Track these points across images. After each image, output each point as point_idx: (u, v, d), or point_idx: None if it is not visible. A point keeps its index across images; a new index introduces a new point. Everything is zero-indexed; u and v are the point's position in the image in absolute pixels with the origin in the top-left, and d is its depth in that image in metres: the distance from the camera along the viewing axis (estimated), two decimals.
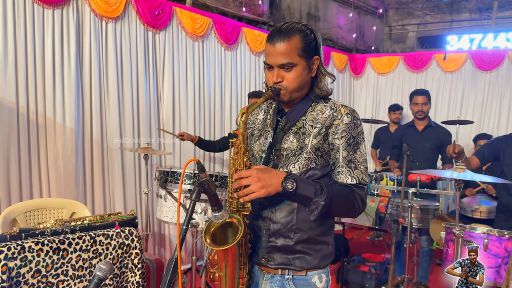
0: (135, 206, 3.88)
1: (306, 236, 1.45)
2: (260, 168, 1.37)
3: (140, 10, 3.89)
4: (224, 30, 4.66)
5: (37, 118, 3.31)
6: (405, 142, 3.72)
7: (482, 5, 7.90)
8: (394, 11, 8.68)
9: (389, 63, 6.54)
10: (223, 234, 1.42)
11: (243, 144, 1.38)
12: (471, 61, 5.96)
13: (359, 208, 1.44)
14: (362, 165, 1.45)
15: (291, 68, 1.43)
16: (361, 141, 1.47)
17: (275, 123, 1.54)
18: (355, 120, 1.46)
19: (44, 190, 3.35)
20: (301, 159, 1.44)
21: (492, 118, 5.84)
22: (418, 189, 3.50)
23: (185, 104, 4.30)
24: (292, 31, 1.43)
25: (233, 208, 1.41)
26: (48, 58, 3.35)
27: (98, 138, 3.65)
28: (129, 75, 3.85)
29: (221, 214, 1.32)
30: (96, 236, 2.35)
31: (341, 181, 1.44)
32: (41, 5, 3.30)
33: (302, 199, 1.38)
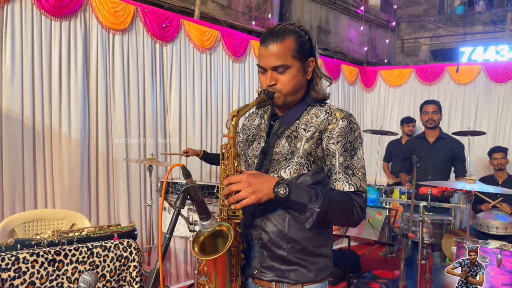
0: (139, 218, 3.83)
1: (300, 247, 1.37)
2: (251, 173, 1.30)
3: (147, 22, 3.91)
4: (232, 42, 4.65)
5: (43, 129, 3.31)
6: (416, 154, 3.61)
7: (496, 18, 7.79)
8: (406, 24, 8.62)
9: (401, 75, 6.44)
10: (213, 244, 1.35)
11: (233, 148, 1.32)
12: (484, 73, 5.83)
13: (358, 216, 1.36)
14: (360, 171, 1.38)
15: (285, 70, 1.38)
16: (359, 146, 1.39)
17: (268, 128, 1.48)
18: (352, 124, 1.39)
19: (48, 201, 3.33)
20: (292, 163, 1.37)
21: (507, 130, 5.68)
22: (429, 203, 3.37)
23: (192, 116, 4.27)
24: (285, 33, 1.38)
25: (223, 216, 1.35)
26: (54, 70, 3.36)
27: (103, 149, 3.63)
28: (136, 87, 3.85)
29: (209, 223, 1.26)
30: (93, 248, 2.30)
31: (338, 188, 1.37)
32: (49, 17, 3.33)
33: (296, 205, 1.31)
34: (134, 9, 3.83)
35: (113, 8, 3.68)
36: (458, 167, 3.93)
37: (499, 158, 4.62)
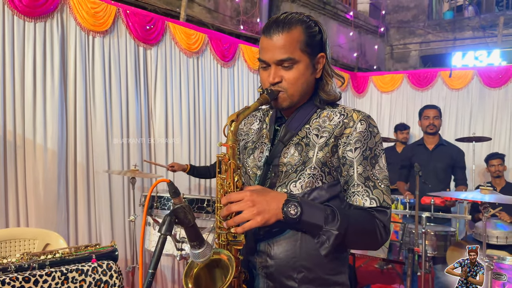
0: (123, 235, 3.55)
1: (313, 276, 1.15)
2: (255, 189, 1.07)
3: (130, 24, 3.67)
4: (220, 46, 4.43)
5: (15, 139, 3.02)
6: (415, 162, 3.43)
7: (485, 23, 7.75)
8: (395, 30, 8.54)
9: (393, 81, 6.31)
10: (209, 276, 1.11)
11: (233, 159, 1.09)
12: (478, 78, 5.74)
13: (381, 238, 1.14)
14: (383, 183, 1.16)
15: (292, 65, 1.16)
16: (380, 154, 1.18)
17: (272, 134, 1.26)
18: (371, 127, 1.18)
19: (21, 219, 3.02)
20: (304, 176, 1.15)
21: (503, 136, 5.57)
22: (432, 213, 3.18)
23: (179, 123, 4.02)
24: (292, 22, 1.16)
25: (222, 241, 1.11)
26: (28, 75, 3.09)
27: (83, 161, 3.35)
28: (118, 93, 3.59)
29: (202, 251, 1.02)
30: (68, 272, 2.04)
31: (358, 204, 1.15)
32: (22, 18, 3.07)
33: (309, 227, 1.09)
34: (116, 10, 3.59)
35: (93, 8, 3.43)
36: (459, 175, 3.77)
37: (496, 165, 4.50)
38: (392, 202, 3.55)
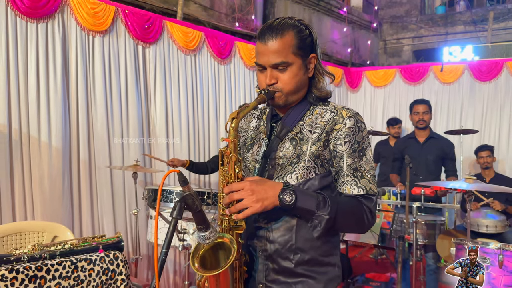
0: (125, 228, 3.67)
1: (308, 257, 1.27)
2: (254, 179, 1.20)
3: (129, 23, 3.77)
4: (217, 43, 4.54)
5: (20, 137, 3.13)
6: (406, 155, 3.56)
7: (477, 17, 7.89)
8: (388, 25, 8.66)
9: (386, 76, 6.43)
10: (213, 257, 1.24)
11: (234, 153, 1.21)
12: (469, 72, 5.86)
13: (368, 222, 1.27)
14: (370, 173, 1.29)
15: (286, 67, 1.28)
16: (367, 147, 1.31)
17: (269, 130, 1.38)
18: (359, 123, 1.30)
19: (28, 213, 3.14)
20: (299, 168, 1.27)
21: (492, 129, 5.71)
22: (422, 203, 3.32)
23: (178, 119, 4.13)
24: (285, 27, 1.28)
25: (225, 226, 1.24)
26: (32, 74, 3.19)
27: (85, 157, 3.46)
28: (118, 91, 3.70)
29: (208, 234, 1.15)
30: (77, 262, 2.15)
31: (347, 192, 1.27)
32: (25, 18, 3.16)
33: (303, 213, 1.21)
34: (115, 10, 3.69)
35: (93, 9, 3.53)
36: (449, 167, 3.91)
37: (485, 157, 4.62)
38: (384, 193, 3.68)
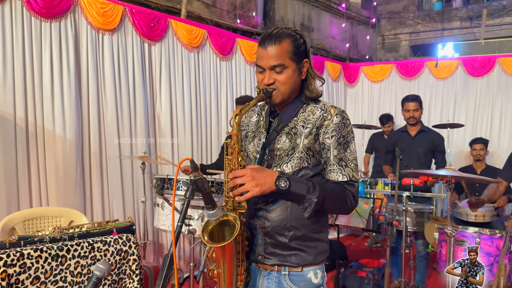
0: (133, 215, 3.90)
1: (300, 233, 1.49)
2: (254, 167, 1.41)
3: (136, 22, 3.97)
4: (219, 41, 4.73)
5: (36, 130, 3.35)
6: (398, 148, 3.77)
7: (472, 13, 8.05)
8: (386, 20, 8.83)
9: (382, 71, 6.62)
10: (220, 232, 1.46)
11: (237, 144, 1.43)
12: (462, 68, 6.04)
13: (351, 204, 1.49)
14: (352, 163, 1.50)
15: (282, 70, 1.49)
16: (351, 140, 1.52)
17: (267, 124, 1.59)
18: (345, 120, 1.51)
19: (43, 200, 3.38)
20: (294, 158, 1.49)
21: (484, 123, 5.90)
22: (412, 193, 3.55)
23: (182, 113, 4.35)
24: (282, 35, 1.49)
25: (229, 206, 1.46)
26: (46, 71, 3.40)
27: (96, 148, 3.69)
28: (126, 86, 3.91)
29: (215, 212, 1.37)
30: (94, 243, 2.37)
31: (333, 179, 1.49)
32: (39, 18, 3.37)
33: (296, 197, 1.43)
34: (123, 9, 3.89)
35: (102, 8, 3.73)
36: (439, 159, 4.12)
37: (478, 149, 4.79)
38: (377, 183, 3.90)
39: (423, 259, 3.92)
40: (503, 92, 5.78)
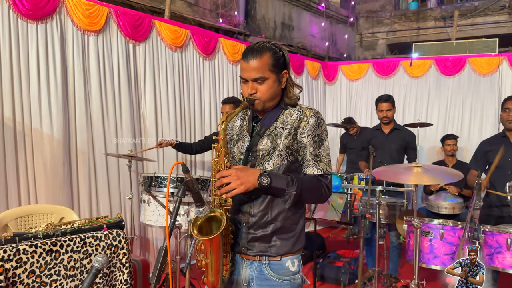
0: (119, 210, 4.03)
1: (280, 226, 1.67)
2: (239, 167, 1.58)
3: (120, 23, 4.06)
4: (202, 41, 4.86)
5: (24, 129, 3.43)
6: (373, 145, 3.99)
7: (446, 13, 8.37)
8: (364, 19, 9.08)
9: (359, 70, 6.86)
10: (208, 227, 1.62)
11: (223, 148, 1.59)
12: (435, 67, 6.32)
13: (325, 194, 1.68)
14: (326, 158, 1.69)
15: (263, 81, 1.65)
16: (325, 138, 1.71)
17: (251, 129, 1.76)
18: (319, 120, 1.70)
19: (31, 197, 3.47)
20: (274, 157, 1.67)
21: (455, 121, 6.20)
22: (384, 187, 3.78)
23: (167, 111, 4.48)
24: (263, 50, 1.66)
25: (216, 203, 1.62)
26: (33, 72, 3.48)
27: (83, 146, 3.79)
28: (112, 86, 4.01)
29: (203, 209, 1.53)
30: (86, 238, 2.49)
31: (309, 173, 1.67)
32: (25, 20, 3.45)
33: (277, 191, 1.61)
34: (108, 11, 3.98)
35: (87, 10, 3.82)
36: (410, 155, 4.36)
37: (451, 145, 5.06)
38: (352, 178, 4.14)
39: (396, 249, 4.17)
40: (473, 90, 6.09)
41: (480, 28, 8.19)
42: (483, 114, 6.05)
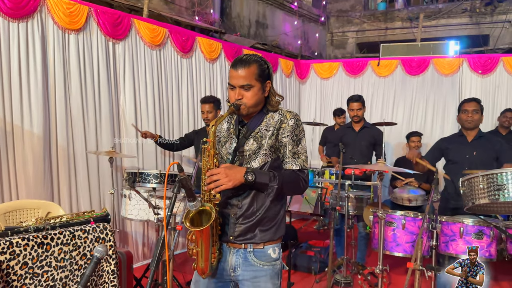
0: (99, 206, 4.14)
1: (263, 216, 1.89)
2: (227, 166, 1.79)
3: (100, 22, 4.14)
4: (179, 39, 4.99)
5: (5, 126, 3.49)
6: (344, 141, 4.27)
7: (412, 15, 8.76)
8: (335, 18, 9.37)
9: (330, 68, 7.14)
10: (199, 219, 1.81)
11: (213, 149, 1.79)
12: (401, 67, 6.67)
13: (303, 186, 1.91)
14: (303, 155, 1.93)
15: (249, 88, 1.86)
16: (303, 137, 1.94)
17: (237, 131, 1.96)
18: (297, 121, 1.93)
19: (13, 193, 3.54)
20: (260, 155, 1.88)
21: (419, 118, 6.59)
22: (353, 181, 4.07)
23: (146, 109, 4.60)
24: (251, 61, 1.86)
25: (206, 199, 1.82)
26: (14, 70, 3.53)
27: (63, 143, 3.88)
28: (92, 84, 4.10)
29: (195, 204, 1.72)
30: (75, 231, 2.62)
31: (289, 168, 1.90)
32: (7, 18, 3.49)
33: (261, 185, 1.82)
34: (88, 10, 4.05)
35: (68, 9, 3.88)
36: (378, 151, 4.68)
37: (416, 141, 5.40)
38: (324, 173, 4.40)
39: (363, 239, 4.47)
40: (436, 90, 6.48)
41: (444, 30, 8.63)
42: (445, 113, 6.45)
